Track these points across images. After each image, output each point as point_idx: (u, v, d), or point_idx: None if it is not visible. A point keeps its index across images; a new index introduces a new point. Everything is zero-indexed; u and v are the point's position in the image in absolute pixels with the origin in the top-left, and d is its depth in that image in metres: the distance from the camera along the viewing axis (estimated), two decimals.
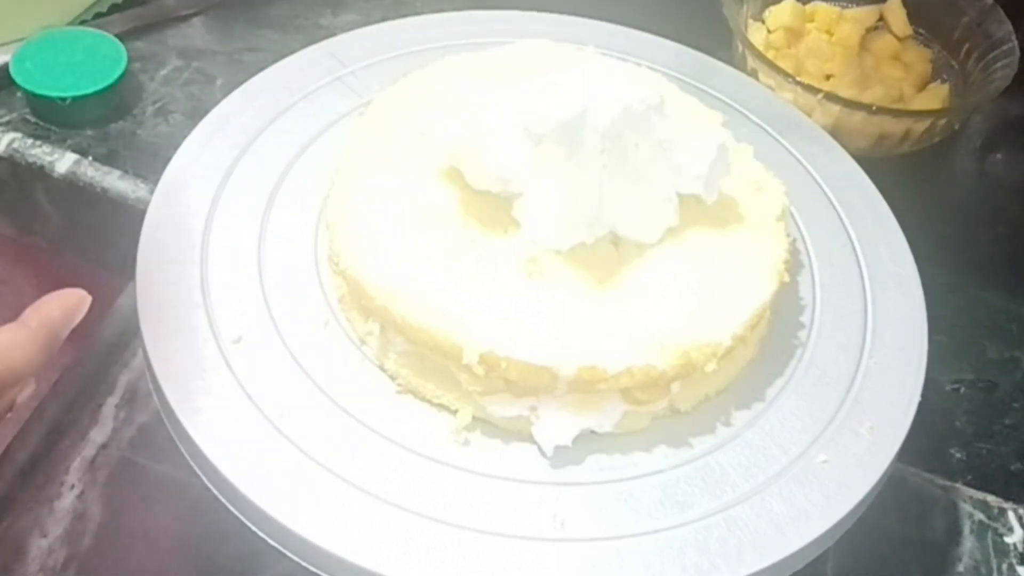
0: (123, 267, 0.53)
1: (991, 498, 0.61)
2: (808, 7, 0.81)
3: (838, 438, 0.50)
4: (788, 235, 0.54)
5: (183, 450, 0.47)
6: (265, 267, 0.53)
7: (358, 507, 0.45)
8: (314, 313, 0.51)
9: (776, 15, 0.80)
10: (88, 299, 0.44)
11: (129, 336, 0.62)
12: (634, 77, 0.57)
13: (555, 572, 0.44)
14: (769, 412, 0.51)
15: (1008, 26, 0.76)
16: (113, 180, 0.67)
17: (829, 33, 0.80)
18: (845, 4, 0.82)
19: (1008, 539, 0.59)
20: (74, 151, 0.68)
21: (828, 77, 0.77)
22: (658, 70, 0.64)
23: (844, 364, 0.53)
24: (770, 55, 0.75)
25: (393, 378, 0.49)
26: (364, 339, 0.50)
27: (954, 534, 0.59)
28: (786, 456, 0.49)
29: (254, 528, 0.45)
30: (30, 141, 0.69)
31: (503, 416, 0.48)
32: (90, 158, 0.68)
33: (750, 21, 0.79)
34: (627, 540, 0.45)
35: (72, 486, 0.56)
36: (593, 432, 0.48)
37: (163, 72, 0.74)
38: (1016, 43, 0.75)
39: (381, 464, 0.46)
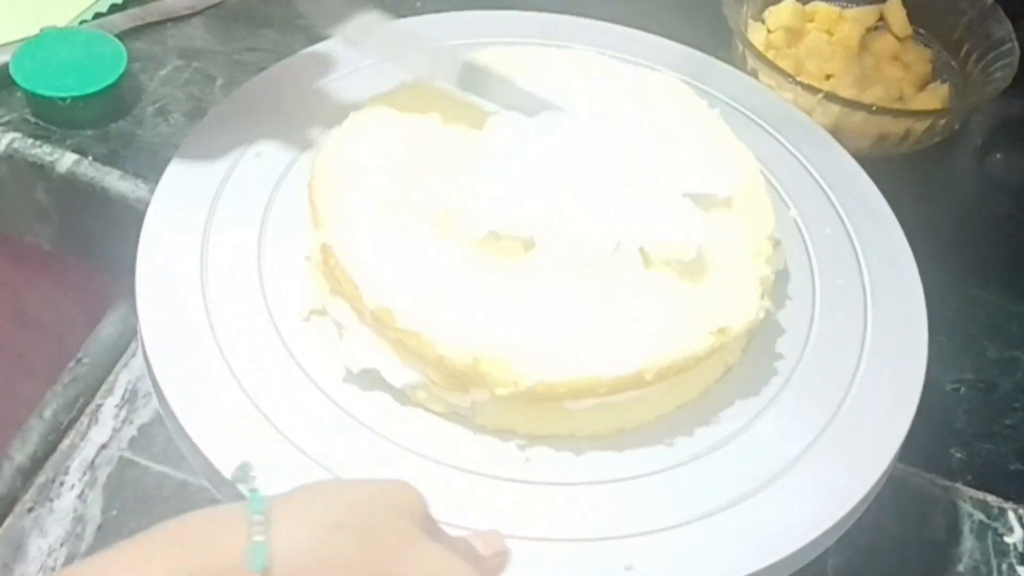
0: (123, 267, 0.53)
1: (991, 498, 0.61)
2: (808, 7, 0.81)
3: (838, 438, 0.50)
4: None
5: (183, 450, 0.47)
6: (265, 267, 0.53)
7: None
8: (314, 311, 0.51)
9: (776, 15, 0.80)
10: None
11: (129, 336, 0.62)
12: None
13: (555, 571, 0.44)
14: (769, 412, 0.51)
15: (1008, 26, 0.76)
16: (113, 180, 0.67)
17: (829, 33, 0.80)
18: (845, 4, 0.82)
19: (1008, 539, 0.59)
20: (74, 151, 0.68)
21: (828, 77, 0.77)
22: (658, 70, 0.64)
23: (844, 364, 0.53)
24: (770, 55, 0.75)
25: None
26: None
27: (954, 534, 0.59)
28: (786, 455, 0.49)
29: None
30: (30, 141, 0.69)
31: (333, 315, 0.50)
32: (90, 158, 0.68)
33: (750, 21, 0.79)
34: (626, 540, 0.45)
35: (72, 486, 0.56)
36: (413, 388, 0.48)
37: (163, 72, 0.74)
38: (1016, 43, 0.75)
39: (382, 464, 0.46)
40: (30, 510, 0.55)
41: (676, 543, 0.45)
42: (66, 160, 0.68)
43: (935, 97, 0.77)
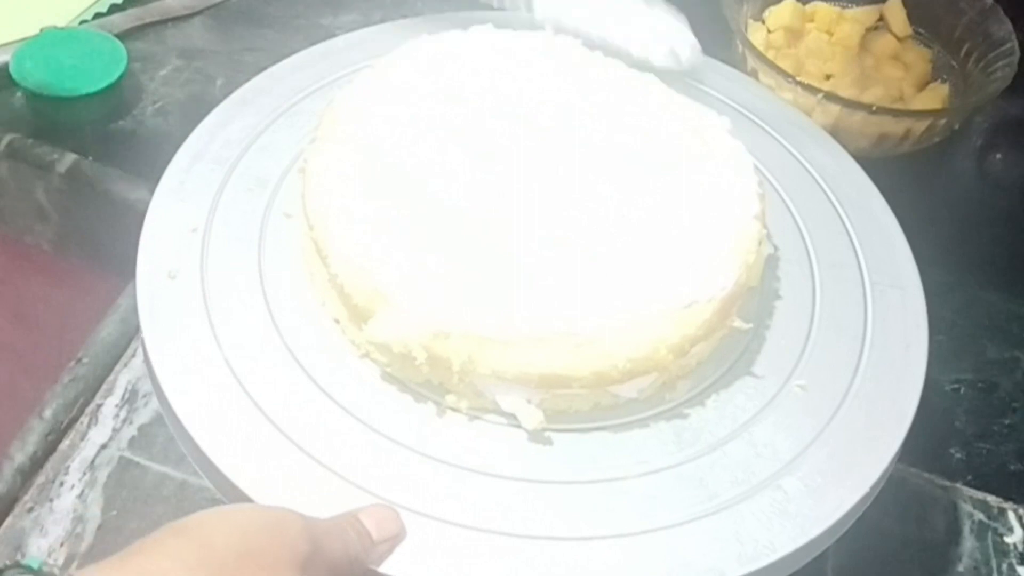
0: (123, 267, 0.53)
1: (991, 498, 0.61)
2: (808, 7, 0.81)
3: (838, 437, 0.50)
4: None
5: (183, 450, 0.47)
6: (265, 267, 0.53)
7: (360, 506, 0.44)
8: (315, 313, 0.51)
9: (776, 15, 0.80)
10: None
11: (129, 336, 0.62)
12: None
13: (553, 570, 0.44)
14: (769, 411, 0.51)
15: (1008, 26, 0.76)
16: (113, 180, 0.67)
17: (829, 33, 0.80)
18: (845, 4, 0.82)
19: (1008, 539, 0.59)
20: (74, 151, 0.68)
21: (828, 77, 0.77)
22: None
23: (844, 364, 0.53)
24: (770, 55, 0.75)
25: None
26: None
27: (954, 534, 0.59)
28: (786, 455, 0.49)
29: None
30: (30, 141, 0.69)
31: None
32: (90, 158, 0.68)
33: (750, 21, 0.79)
34: (625, 539, 0.45)
35: (72, 486, 0.56)
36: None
37: (163, 72, 0.75)
38: (1016, 43, 0.75)
39: (383, 464, 0.46)
40: (30, 510, 0.55)
41: (674, 542, 0.45)
42: (66, 160, 0.68)
43: (935, 97, 0.77)
